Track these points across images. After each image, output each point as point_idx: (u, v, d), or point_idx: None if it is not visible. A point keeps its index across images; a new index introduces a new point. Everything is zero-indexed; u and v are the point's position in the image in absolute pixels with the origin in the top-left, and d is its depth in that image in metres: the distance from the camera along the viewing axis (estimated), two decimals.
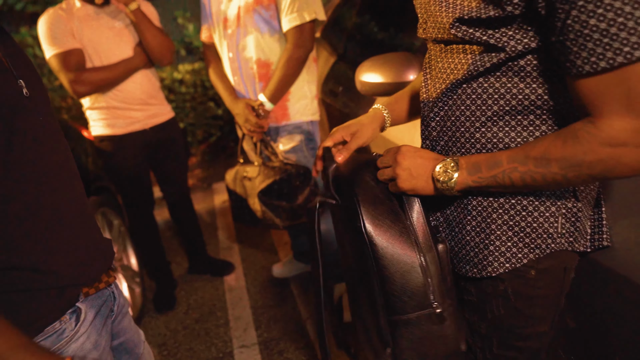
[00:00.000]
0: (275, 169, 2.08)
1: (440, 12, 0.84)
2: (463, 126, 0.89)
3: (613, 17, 0.64)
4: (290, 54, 2.01)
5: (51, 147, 0.94)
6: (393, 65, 1.45)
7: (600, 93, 0.70)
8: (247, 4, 2.03)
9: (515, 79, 0.81)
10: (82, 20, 2.18)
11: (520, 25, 0.76)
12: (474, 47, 0.83)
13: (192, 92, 4.91)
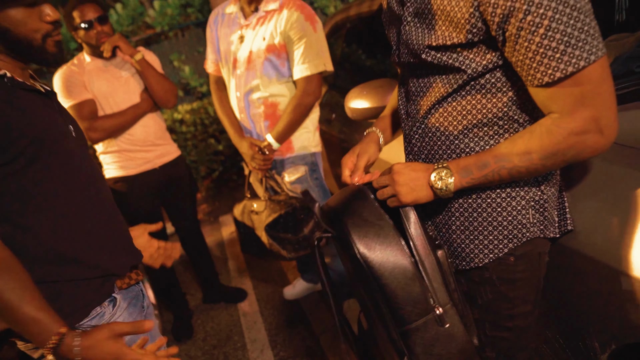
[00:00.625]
0: (280, 203, 2.16)
1: (411, 40, 1.01)
2: (439, 140, 1.05)
3: (560, 37, 0.82)
4: (299, 101, 2.12)
5: (89, 172, 1.23)
6: (376, 91, 1.62)
7: (561, 96, 0.87)
8: (259, 50, 2.12)
9: (478, 96, 0.98)
10: (93, 73, 2.38)
11: (479, 49, 0.93)
12: (442, 70, 0.99)
13: (193, 130, 5.10)
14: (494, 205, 1.03)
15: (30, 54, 1.19)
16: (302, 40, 2.07)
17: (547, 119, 0.91)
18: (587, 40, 0.82)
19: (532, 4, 0.82)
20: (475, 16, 0.89)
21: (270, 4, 2.12)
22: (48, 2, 1.19)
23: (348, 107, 1.71)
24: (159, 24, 5.90)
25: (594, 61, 0.83)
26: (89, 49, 2.42)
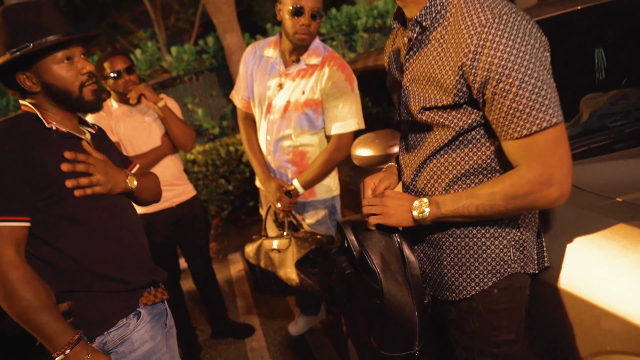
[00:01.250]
0: (308, 240, 2.20)
1: (409, 102, 1.19)
2: (433, 186, 1.21)
3: (526, 102, 1.00)
4: (331, 156, 2.20)
5: (119, 202, 1.45)
6: (380, 140, 1.80)
7: (524, 150, 1.04)
8: (297, 103, 2.19)
9: (466, 150, 1.15)
10: (119, 118, 2.59)
11: (465, 110, 1.11)
12: (435, 127, 1.16)
13: (204, 170, 5.31)
14: (479, 244, 1.18)
15: (70, 104, 1.38)
16: (340, 100, 2.16)
17: (513, 170, 1.08)
18: (549, 106, 1.00)
19: (503, 75, 1.00)
20: (461, 82, 1.06)
21: (312, 58, 2.19)
22: (84, 55, 1.39)
23: (354, 154, 1.89)
24: (175, 68, 6.20)
25: (554, 124, 1.00)
26: (116, 96, 2.63)
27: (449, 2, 1.11)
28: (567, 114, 1.67)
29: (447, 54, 1.08)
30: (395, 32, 1.29)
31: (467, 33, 1.04)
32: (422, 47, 1.16)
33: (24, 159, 1.25)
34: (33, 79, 1.34)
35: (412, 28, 1.17)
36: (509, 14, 1.02)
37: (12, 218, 1.24)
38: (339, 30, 6.73)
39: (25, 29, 1.30)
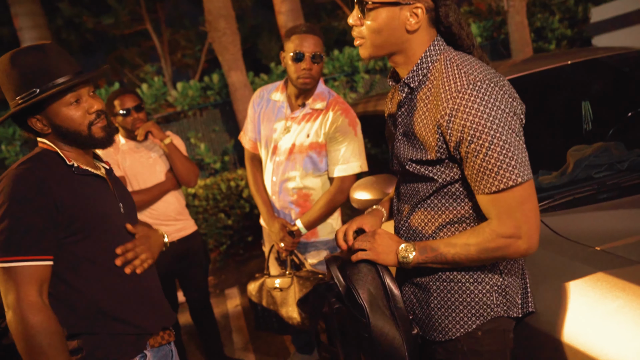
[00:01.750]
0: (310, 279, 2.21)
1: (400, 154, 1.28)
2: (420, 233, 1.29)
3: (494, 162, 1.10)
4: (332, 197, 2.25)
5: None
6: (378, 185, 1.88)
7: (494, 205, 1.14)
8: (302, 146, 2.26)
9: (450, 200, 1.23)
10: (126, 153, 2.68)
11: (447, 164, 1.20)
12: (421, 179, 1.25)
13: (205, 204, 5.37)
14: (463, 288, 1.25)
15: (82, 142, 1.41)
16: (343, 144, 2.23)
17: (485, 223, 1.17)
18: (515, 166, 1.10)
19: (474, 137, 1.10)
20: (440, 140, 1.17)
21: (317, 103, 2.27)
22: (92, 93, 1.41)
23: (353, 197, 1.97)
24: (180, 103, 6.35)
25: (520, 183, 1.10)
26: (124, 132, 2.73)
27: (433, 66, 1.22)
28: (555, 164, 1.78)
29: (430, 114, 1.19)
30: (394, 88, 1.40)
31: (444, 97, 1.15)
32: (410, 105, 1.27)
33: (48, 198, 1.28)
34: (43, 121, 1.37)
35: (402, 89, 1.28)
36: (482, 81, 1.12)
37: (36, 257, 1.26)
38: (341, 71, 6.93)
39: (32, 74, 1.33)
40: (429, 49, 1.23)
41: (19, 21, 7.68)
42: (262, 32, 13.56)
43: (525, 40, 6.50)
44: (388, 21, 1.18)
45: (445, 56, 1.21)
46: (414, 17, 1.18)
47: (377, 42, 1.21)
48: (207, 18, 5.96)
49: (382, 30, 1.19)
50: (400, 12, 1.17)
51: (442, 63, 1.20)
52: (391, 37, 1.20)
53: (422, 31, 1.21)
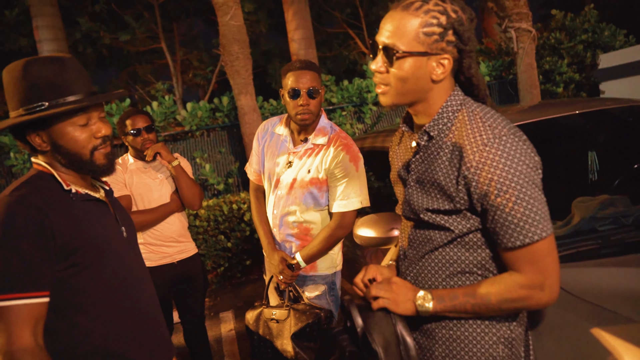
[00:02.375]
0: (306, 314, 2.19)
1: (413, 201, 1.29)
2: (429, 281, 1.29)
3: (520, 217, 1.12)
4: (332, 232, 2.22)
5: (135, 274, 1.39)
6: (382, 223, 1.89)
7: (518, 258, 1.16)
8: (303, 181, 2.26)
9: (463, 250, 1.24)
10: (134, 172, 2.70)
11: (464, 215, 1.21)
12: (435, 227, 1.26)
13: (205, 225, 5.37)
14: (470, 338, 1.25)
15: (80, 167, 1.31)
16: (344, 180, 2.22)
17: (507, 273, 1.18)
18: (540, 221, 1.12)
19: (501, 191, 1.12)
20: (462, 191, 1.18)
21: (319, 138, 2.27)
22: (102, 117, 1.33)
23: (356, 234, 1.97)
24: (188, 123, 6.41)
25: (544, 237, 1.12)
26: (134, 152, 2.76)
27: (455, 117, 1.24)
28: (559, 214, 1.78)
29: (451, 164, 1.20)
30: (402, 132, 1.41)
31: (470, 149, 1.16)
32: (428, 153, 1.27)
33: (45, 229, 1.17)
34: (44, 137, 1.27)
35: (421, 136, 1.28)
36: (507, 135, 1.15)
37: (32, 294, 1.14)
38: (350, 101, 7.01)
39: (44, 86, 1.23)
40: (449, 99, 1.24)
41: (39, 33, 7.85)
42: (273, 57, 13.76)
43: (533, 82, 6.58)
44: (414, 70, 1.18)
45: (468, 107, 1.23)
46: (440, 67, 1.19)
47: (402, 90, 1.21)
48: (221, 41, 6.06)
49: (408, 79, 1.19)
50: (428, 61, 1.18)
51: (466, 115, 1.22)
52: (416, 86, 1.21)
53: (445, 81, 1.24)
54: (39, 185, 1.25)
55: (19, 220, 1.16)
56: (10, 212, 1.17)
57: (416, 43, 1.16)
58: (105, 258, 1.30)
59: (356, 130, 7.02)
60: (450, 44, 1.17)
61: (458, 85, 1.28)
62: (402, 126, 1.39)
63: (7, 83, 1.27)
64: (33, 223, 1.17)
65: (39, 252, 1.16)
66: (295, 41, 9.93)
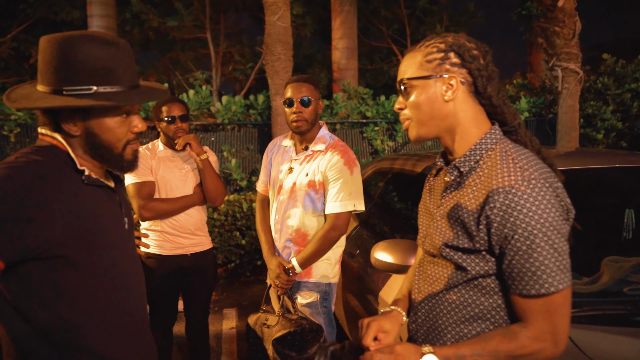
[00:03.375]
0: (291, 322, 2.26)
1: (435, 235, 1.25)
2: (440, 320, 1.25)
3: (538, 265, 1.06)
4: (325, 234, 2.32)
5: (133, 266, 1.34)
6: (400, 250, 1.84)
7: (531, 308, 1.10)
8: (302, 184, 2.39)
9: (478, 293, 1.19)
10: (161, 160, 2.72)
11: (483, 256, 1.16)
12: (452, 265, 1.21)
13: (223, 219, 5.38)
14: None
15: (109, 159, 1.23)
16: (338, 181, 2.33)
17: (516, 325, 1.13)
18: (558, 272, 1.07)
19: (522, 236, 1.07)
20: (483, 231, 1.14)
21: (318, 145, 2.42)
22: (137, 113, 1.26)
23: (373, 256, 1.93)
24: (221, 115, 6.45)
25: (560, 290, 1.07)
26: (165, 139, 2.78)
27: (487, 154, 1.20)
28: (587, 269, 1.71)
29: (476, 202, 1.16)
30: (441, 167, 1.38)
31: (496, 189, 1.12)
32: (457, 188, 1.24)
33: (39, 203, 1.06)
34: (78, 123, 1.18)
35: (451, 171, 1.26)
36: (538, 179, 1.10)
37: None
38: (384, 117, 6.97)
39: (95, 69, 1.14)
40: (485, 136, 1.22)
41: (92, 8, 8.04)
42: (314, 63, 13.81)
43: (573, 124, 6.43)
44: (424, 94, 1.21)
45: (502, 147, 1.20)
46: (449, 88, 1.20)
47: (421, 117, 1.23)
48: (266, 40, 6.10)
49: (420, 104, 1.22)
50: (435, 84, 1.21)
51: (498, 153, 1.19)
52: (432, 110, 1.22)
53: (463, 106, 1.22)
54: (50, 157, 1.15)
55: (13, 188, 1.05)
56: (6, 177, 1.06)
57: (421, 70, 1.22)
58: (103, 250, 1.21)
59: (386, 147, 6.97)
60: (455, 66, 1.20)
61: (497, 125, 1.25)
62: (438, 160, 1.36)
63: (51, 55, 1.15)
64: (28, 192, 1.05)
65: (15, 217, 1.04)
66: (339, 49, 9.95)
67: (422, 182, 2.43)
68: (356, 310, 2.77)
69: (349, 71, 9.85)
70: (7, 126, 5.83)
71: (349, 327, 3.00)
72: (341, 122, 6.81)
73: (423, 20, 13.36)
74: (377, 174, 3.29)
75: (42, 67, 1.17)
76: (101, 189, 1.24)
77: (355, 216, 3.19)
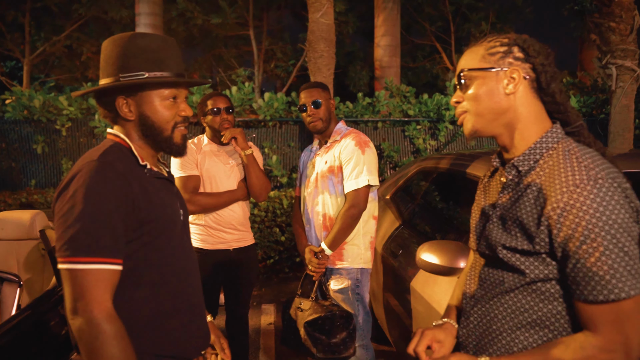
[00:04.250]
0: (323, 307, 2.40)
1: (491, 237, 1.19)
2: (494, 325, 1.19)
3: (607, 269, 0.99)
4: (345, 212, 2.48)
5: (187, 257, 1.40)
6: (448, 251, 1.79)
7: (599, 315, 1.02)
8: (323, 172, 2.61)
9: (537, 299, 1.13)
10: (206, 154, 2.74)
11: (543, 259, 1.10)
12: (511, 269, 1.16)
13: (263, 215, 5.42)
14: None
15: (159, 141, 1.35)
16: (351, 161, 2.51)
17: (581, 334, 1.05)
18: (629, 277, 0.99)
19: (588, 238, 1.00)
20: (544, 233, 1.07)
21: (335, 137, 2.64)
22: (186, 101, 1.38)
23: (419, 257, 1.88)
24: (263, 112, 6.50)
25: (632, 296, 0.99)
26: (210, 133, 2.80)
27: (548, 153, 1.14)
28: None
29: (537, 203, 1.10)
30: (495, 166, 1.33)
31: (559, 189, 1.06)
32: (515, 189, 1.18)
33: (127, 197, 1.20)
34: (132, 106, 1.31)
35: (509, 170, 1.20)
36: (605, 179, 1.03)
37: (112, 260, 1.15)
38: (426, 116, 6.85)
39: (146, 57, 1.29)
40: (547, 135, 1.17)
41: (140, 7, 8.26)
42: (355, 60, 13.73)
43: (627, 125, 6.13)
44: (484, 86, 1.18)
45: (565, 145, 1.14)
46: (511, 81, 1.17)
47: (479, 109, 1.19)
48: (309, 38, 6.10)
49: (480, 97, 1.18)
50: (497, 77, 1.18)
51: (560, 152, 1.13)
52: (491, 103, 1.18)
53: (524, 101, 1.17)
54: (120, 155, 1.28)
55: (109, 185, 1.18)
56: (100, 178, 1.19)
57: (482, 62, 1.19)
58: (167, 236, 1.32)
59: (428, 146, 6.85)
60: (519, 60, 1.17)
61: (559, 124, 1.19)
62: (494, 160, 1.30)
63: (110, 51, 1.32)
64: (119, 191, 1.19)
65: (122, 221, 1.19)
66: (381, 47, 9.86)
67: (470, 182, 2.39)
68: (396, 311, 2.72)
69: (391, 69, 9.74)
70: (60, 120, 6.06)
71: (388, 328, 2.95)
72: (383, 120, 6.73)
73: (468, 17, 13.06)
74: (421, 173, 3.22)
75: (103, 64, 1.34)
76: (161, 180, 1.37)
77: (399, 215, 3.14)
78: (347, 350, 2.34)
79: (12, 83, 12.33)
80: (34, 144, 6.18)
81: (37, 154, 6.19)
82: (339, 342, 2.34)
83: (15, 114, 6.11)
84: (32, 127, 6.21)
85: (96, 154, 1.25)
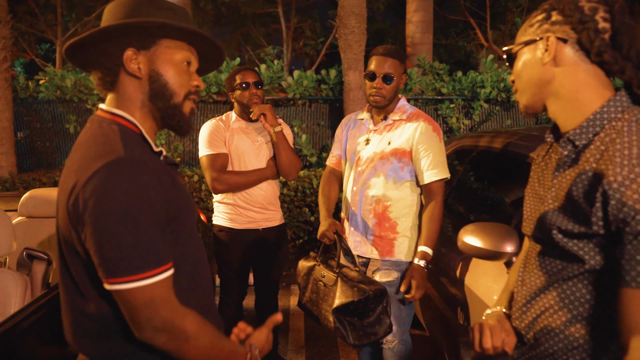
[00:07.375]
0: (353, 289, 2.14)
1: (546, 220, 1.07)
2: (548, 319, 1.08)
3: None
4: (434, 207, 2.25)
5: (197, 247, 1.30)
6: (493, 234, 1.66)
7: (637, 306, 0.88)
8: (384, 152, 2.32)
9: (590, 287, 1.00)
10: (235, 131, 2.66)
11: (602, 245, 0.97)
12: (566, 255, 1.04)
13: (292, 195, 5.36)
14: None
15: (166, 108, 1.18)
16: (430, 149, 2.27)
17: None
18: None
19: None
20: (599, 209, 0.95)
21: (398, 115, 2.36)
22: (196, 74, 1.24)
23: (461, 240, 1.77)
24: (292, 90, 6.39)
25: None
26: (239, 109, 2.71)
27: (610, 125, 1.02)
28: None
29: (595, 179, 0.98)
30: (550, 143, 1.20)
31: (620, 162, 0.94)
32: (571, 166, 1.06)
33: (162, 197, 1.07)
34: (141, 63, 1.14)
35: (564, 145, 1.09)
36: None
37: (170, 264, 1.07)
38: (460, 94, 6.61)
39: (158, 5, 1.16)
40: (608, 104, 1.03)
41: None
42: (386, 37, 13.42)
43: None
44: (523, 60, 1.15)
45: (631, 115, 1.00)
46: (545, 46, 1.09)
47: (521, 85, 1.16)
48: (339, 13, 5.92)
49: (521, 73, 1.16)
50: (535, 49, 1.12)
51: (627, 123, 0.99)
52: (531, 76, 1.12)
53: (571, 68, 1.07)
54: (139, 145, 1.11)
55: (151, 184, 1.04)
56: (141, 182, 1.03)
57: (522, 37, 1.16)
58: (188, 226, 1.21)
59: (462, 125, 6.63)
60: (557, 24, 1.08)
61: (624, 91, 1.05)
62: (547, 136, 1.18)
63: (115, 6, 1.16)
64: (159, 190, 1.06)
65: (164, 221, 1.08)
66: (413, 23, 9.56)
67: (513, 160, 2.23)
68: (430, 295, 2.61)
69: (424, 46, 9.44)
70: (91, 100, 6.09)
71: (422, 312, 2.86)
72: (415, 99, 6.53)
73: None
74: (459, 152, 3.07)
75: (106, 17, 1.18)
76: (172, 167, 1.23)
77: None
78: (382, 328, 2.15)
79: (47, 64, 12.52)
80: (66, 123, 6.24)
81: (69, 134, 6.26)
82: (373, 321, 2.17)
83: (48, 94, 6.17)
84: (64, 107, 6.26)
85: (119, 147, 1.05)
